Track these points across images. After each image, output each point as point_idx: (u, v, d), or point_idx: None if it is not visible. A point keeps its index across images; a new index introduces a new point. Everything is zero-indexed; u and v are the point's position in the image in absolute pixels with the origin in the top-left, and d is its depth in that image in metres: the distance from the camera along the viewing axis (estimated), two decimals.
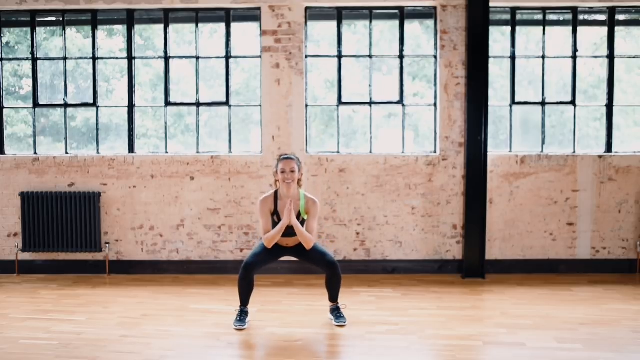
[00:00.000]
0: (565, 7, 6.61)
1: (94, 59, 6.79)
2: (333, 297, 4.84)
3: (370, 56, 6.71)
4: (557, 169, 6.59)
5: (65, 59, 6.79)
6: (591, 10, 6.68)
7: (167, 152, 6.79)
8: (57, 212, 6.55)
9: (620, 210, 6.59)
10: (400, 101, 6.69)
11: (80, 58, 7.32)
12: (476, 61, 6.38)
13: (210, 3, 6.59)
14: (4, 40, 7.04)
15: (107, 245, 6.65)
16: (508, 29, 6.70)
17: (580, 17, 6.68)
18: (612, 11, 6.60)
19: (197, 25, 6.72)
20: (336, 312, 4.82)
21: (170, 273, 6.66)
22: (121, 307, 5.32)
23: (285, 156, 4.71)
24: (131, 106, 6.78)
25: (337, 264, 4.72)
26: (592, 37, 7.68)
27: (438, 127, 6.60)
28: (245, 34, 7.31)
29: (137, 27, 7.08)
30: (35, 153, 6.81)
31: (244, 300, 4.74)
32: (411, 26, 8.05)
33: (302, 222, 4.69)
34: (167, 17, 6.69)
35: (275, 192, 4.72)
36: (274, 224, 4.67)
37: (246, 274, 4.63)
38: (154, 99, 8.59)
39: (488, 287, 6.08)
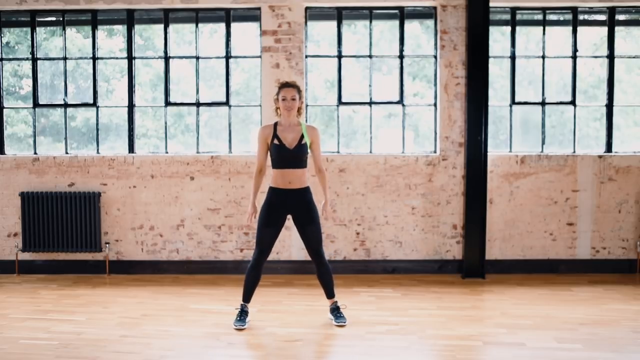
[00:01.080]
0: (565, 7, 6.61)
1: (94, 59, 6.79)
2: (329, 294, 4.85)
3: (370, 56, 6.71)
4: (557, 169, 6.59)
5: (65, 59, 6.79)
6: (591, 10, 6.68)
7: (167, 152, 6.79)
8: (57, 212, 6.55)
9: (620, 210, 6.59)
10: (400, 101, 6.69)
11: (80, 58, 7.33)
12: (476, 61, 6.38)
13: (210, 3, 6.59)
14: (4, 40, 7.04)
15: (107, 245, 6.65)
16: (508, 29, 6.70)
17: (580, 17, 6.68)
18: (612, 11, 6.60)
19: (197, 25, 6.72)
20: (336, 311, 4.82)
21: (170, 273, 6.66)
22: (121, 307, 5.32)
23: (287, 83, 4.72)
24: (131, 106, 6.78)
25: (324, 254, 4.74)
26: (592, 37, 7.68)
27: (438, 127, 6.60)
28: (245, 34, 7.31)
29: (137, 27, 7.08)
30: (35, 153, 6.81)
31: (247, 296, 4.75)
32: (411, 26, 8.05)
33: (305, 146, 4.64)
34: (167, 17, 6.69)
35: (275, 123, 4.73)
36: (275, 148, 4.62)
37: (257, 264, 4.65)
38: (154, 99, 8.58)
39: (488, 287, 6.08)
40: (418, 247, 6.63)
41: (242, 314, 4.74)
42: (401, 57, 6.68)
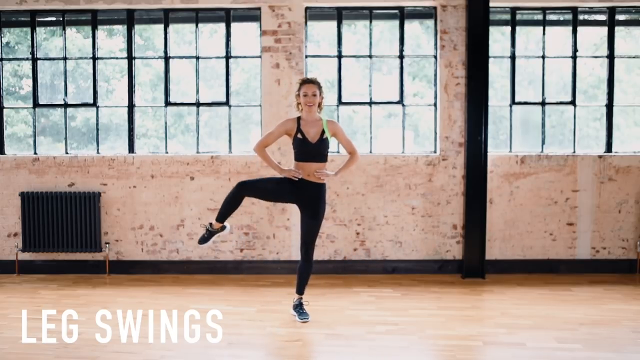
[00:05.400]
0: (565, 7, 6.60)
1: (94, 59, 6.79)
2: (299, 289, 4.96)
3: (370, 56, 6.71)
4: (557, 169, 6.59)
5: (65, 59, 6.79)
6: (591, 10, 6.68)
7: (167, 152, 6.79)
8: (57, 212, 6.55)
9: (620, 210, 6.59)
10: (400, 101, 6.69)
11: (80, 58, 7.33)
12: (476, 61, 6.38)
13: (210, 3, 6.59)
14: (4, 40, 7.04)
15: (107, 245, 6.65)
16: (508, 29, 6.70)
17: (580, 17, 6.68)
18: (612, 11, 6.60)
19: (197, 25, 6.72)
20: (299, 308, 4.93)
21: (170, 273, 6.66)
22: (121, 307, 5.31)
23: (307, 80, 4.86)
24: (131, 106, 6.78)
25: (312, 251, 4.88)
26: (592, 37, 7.68)
27: (438, 127, 6.60)
28: (245, 34, 7.31)
29: (137, 27, 7.08)
30: (35, 153, 6.81)
31: (224, 214, 4.95)
32: (411, 26, 8.05)
33: (326, 140, 4.82)
34: (167, 17, 6.69)
35: (298, 117, 4.88)
36: (298, 141, 4.79)
37: (238, 192, 4.87)
38: (154, 99, 8.59)
39: (488, 287, 6.08)
40: (418, 247, 6.63)
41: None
42: (401, 57, 6.68)
